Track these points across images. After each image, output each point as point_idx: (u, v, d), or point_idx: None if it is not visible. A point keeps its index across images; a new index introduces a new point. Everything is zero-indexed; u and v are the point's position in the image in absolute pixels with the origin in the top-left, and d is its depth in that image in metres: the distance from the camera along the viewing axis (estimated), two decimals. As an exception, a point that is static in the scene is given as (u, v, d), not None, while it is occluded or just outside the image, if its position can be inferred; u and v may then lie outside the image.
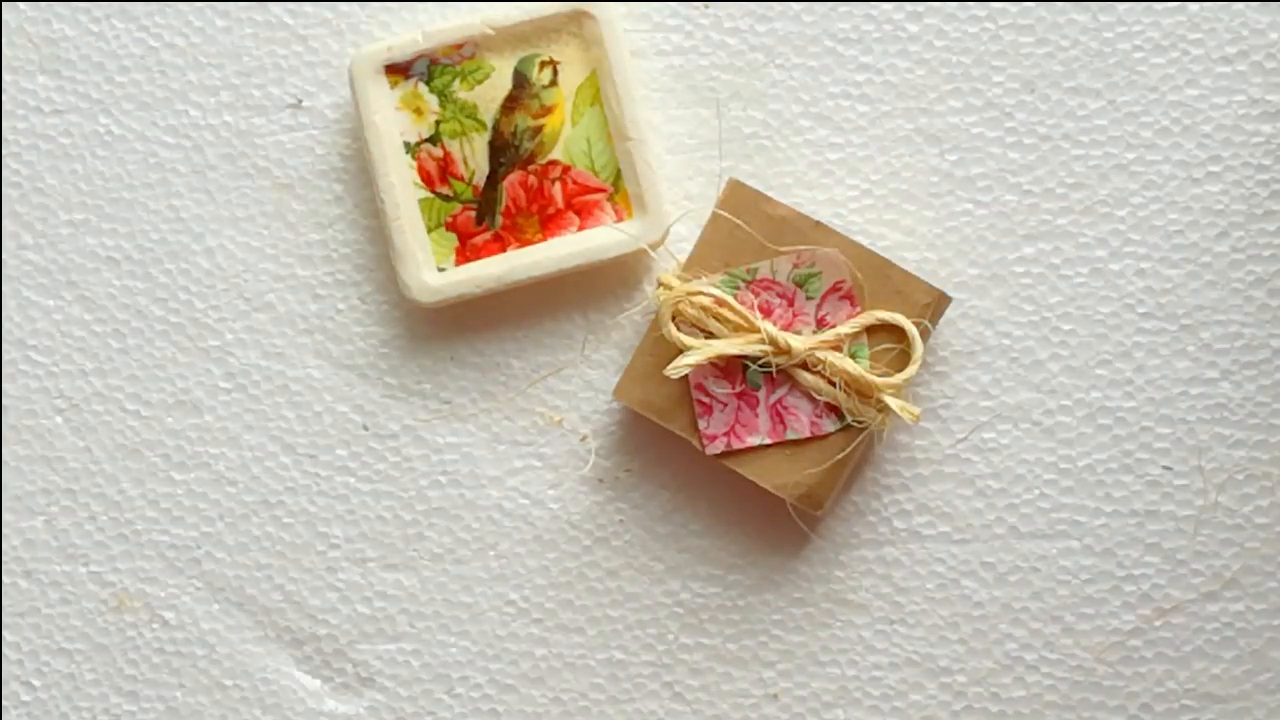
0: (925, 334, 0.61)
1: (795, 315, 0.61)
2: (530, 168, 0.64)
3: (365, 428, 0.65)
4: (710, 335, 0.61)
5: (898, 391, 0.60)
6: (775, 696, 0.64)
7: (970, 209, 0.64)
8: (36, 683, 0.66)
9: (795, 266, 0.61)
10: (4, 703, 0.66)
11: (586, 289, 0.65)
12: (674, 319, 0.61)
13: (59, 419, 0.66)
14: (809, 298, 0.61)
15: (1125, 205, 0.63)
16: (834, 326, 0.61)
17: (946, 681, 0.63)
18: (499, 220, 0.64)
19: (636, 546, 0.64)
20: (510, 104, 0.64)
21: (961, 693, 0.63)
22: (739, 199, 0.61)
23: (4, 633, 0.66)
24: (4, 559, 0.66)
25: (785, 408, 0.61)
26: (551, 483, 0.65)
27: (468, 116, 0.64)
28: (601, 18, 0.63)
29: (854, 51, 0.64)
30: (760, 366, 0.61)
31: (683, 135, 0.65)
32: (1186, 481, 0.63)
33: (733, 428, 0.61)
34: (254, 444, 0.65)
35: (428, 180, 0.64)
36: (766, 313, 0.61)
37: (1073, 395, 0.63)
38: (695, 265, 0.61)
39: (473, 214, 0.64)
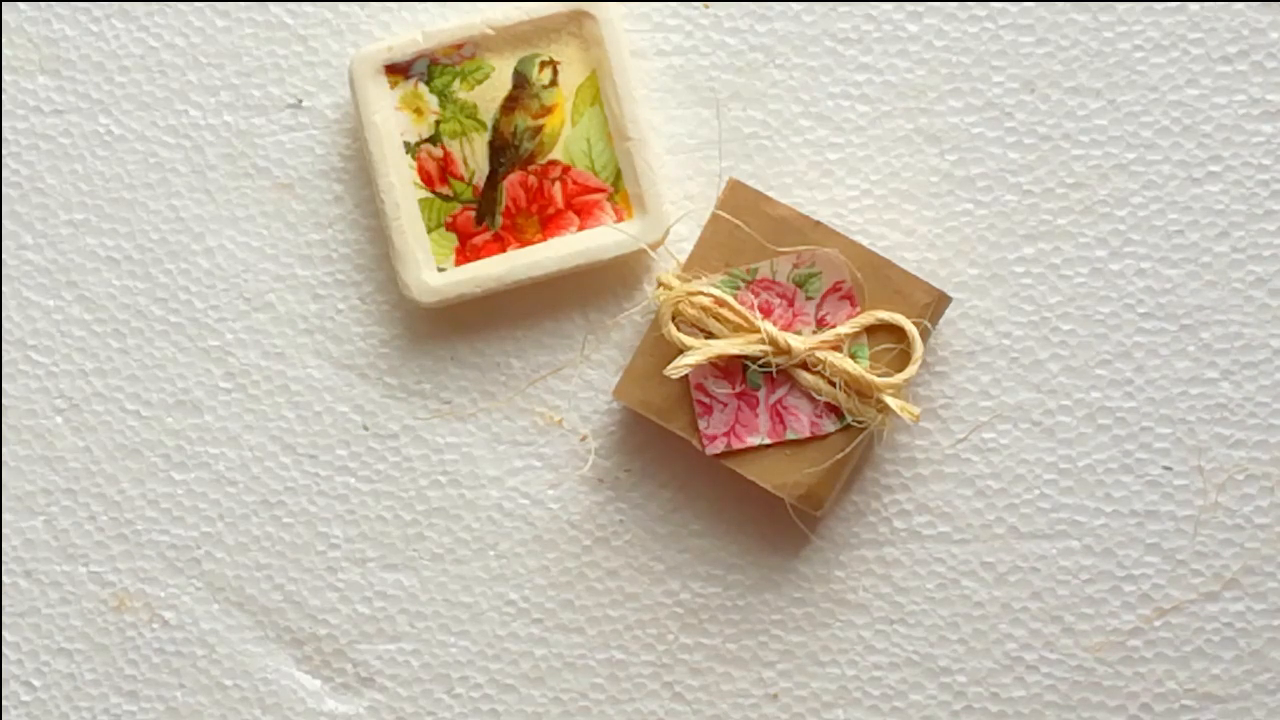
0: (925, 334, 0.61)
1: (795, 315, 0.61)
2: (530, 168, 0.64)
3: (365, 428, 0.65)
4: (710, 335, 0.61)
5: (898, 391, 0.60)
6: (775, 696, 0.64)
7: (970, 209, 0.64)
8: (36, 683, 0.66)
9: (795, 266, 0.61)
10: (4, 703, 0.66)
11: (586, 289, 0.65)
12: (674, 319, 0.61)
13: (59, 419, 0.66)
14: (809, 298, 0.61)
15: (1125, 205, 0.63)
16: (834, 326, 0.61)
17: (946, 681, 0.63)
18: (499, 220, 0.64)
19: (636, 546, 0.64)
20: (510, 104, 0.64)
21: (961, 693, 0.63)
22: (739, 199, 0.61)
23: (4, 633, 0.66)
24: (4, 559, 0.66)
25: (785, 408, 0.61)
26: (551, 483, 0.65)
27: (468, 116, 0.64)
28: (601, 18, 0.63)
29: (854, 51, 0.64)
30: (760, 366, 0.61)
31: (683, 135, 0.65)
32: (1186, 481, 0.63)
33: (733, 428, 0.61)
34: (254, 444, 0.65)
35: (428, 180, 0.64)
36: (766, 313, 0.61)
37: (1073, 395, 0.63)
38: (695, 265, 0.61)
39: (473, 214, 0.64)
